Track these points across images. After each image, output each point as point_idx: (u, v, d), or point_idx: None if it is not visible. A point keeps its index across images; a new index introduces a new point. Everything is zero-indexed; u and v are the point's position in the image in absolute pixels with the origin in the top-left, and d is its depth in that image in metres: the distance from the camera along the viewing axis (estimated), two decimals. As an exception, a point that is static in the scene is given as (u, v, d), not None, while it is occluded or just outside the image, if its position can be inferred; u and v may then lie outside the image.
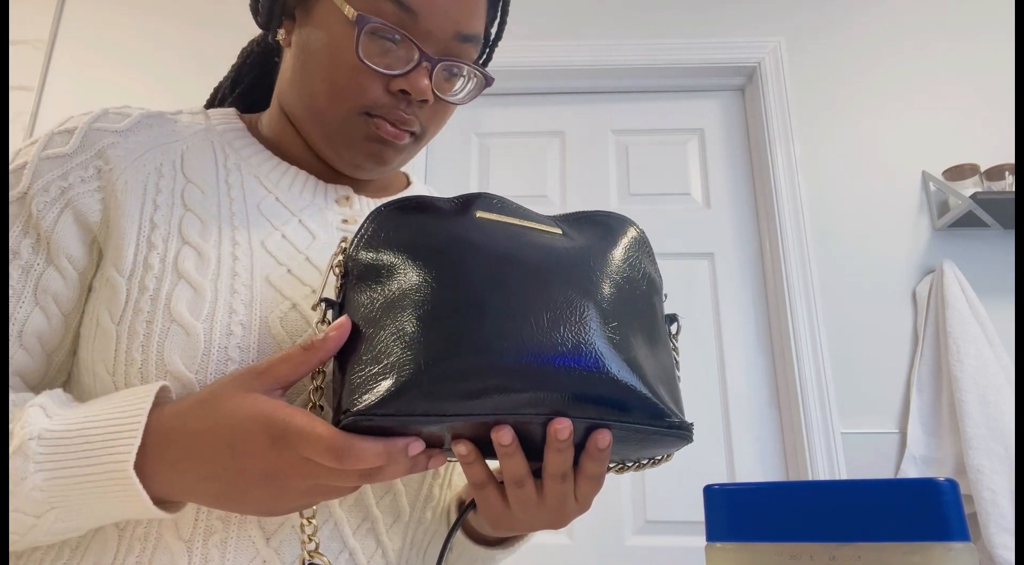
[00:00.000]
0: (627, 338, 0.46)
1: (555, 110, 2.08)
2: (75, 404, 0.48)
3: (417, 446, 0.43)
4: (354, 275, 0.48)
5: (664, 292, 0.56)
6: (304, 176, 0.64)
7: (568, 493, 0.48)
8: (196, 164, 0.60)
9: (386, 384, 0.41)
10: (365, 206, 0.67)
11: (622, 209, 1.98)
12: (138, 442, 0.44)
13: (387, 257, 0.48)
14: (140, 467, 0.44)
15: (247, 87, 0.73)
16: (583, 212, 0.56)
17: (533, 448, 0.46)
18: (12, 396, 0.50)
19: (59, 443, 0.44)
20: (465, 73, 0.61)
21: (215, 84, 0.74)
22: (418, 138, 0.63)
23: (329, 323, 0.47)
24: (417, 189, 0.75)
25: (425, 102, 0.59)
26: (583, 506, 0.50)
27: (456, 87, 0.62)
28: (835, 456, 1.67)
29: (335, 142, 0.61)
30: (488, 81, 0.62)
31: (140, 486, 0.43)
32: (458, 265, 0.46)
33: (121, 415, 0.45)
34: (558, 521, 0.51)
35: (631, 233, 0.54)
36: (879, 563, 0.33)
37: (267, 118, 0.67)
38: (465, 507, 0.56)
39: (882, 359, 1.75)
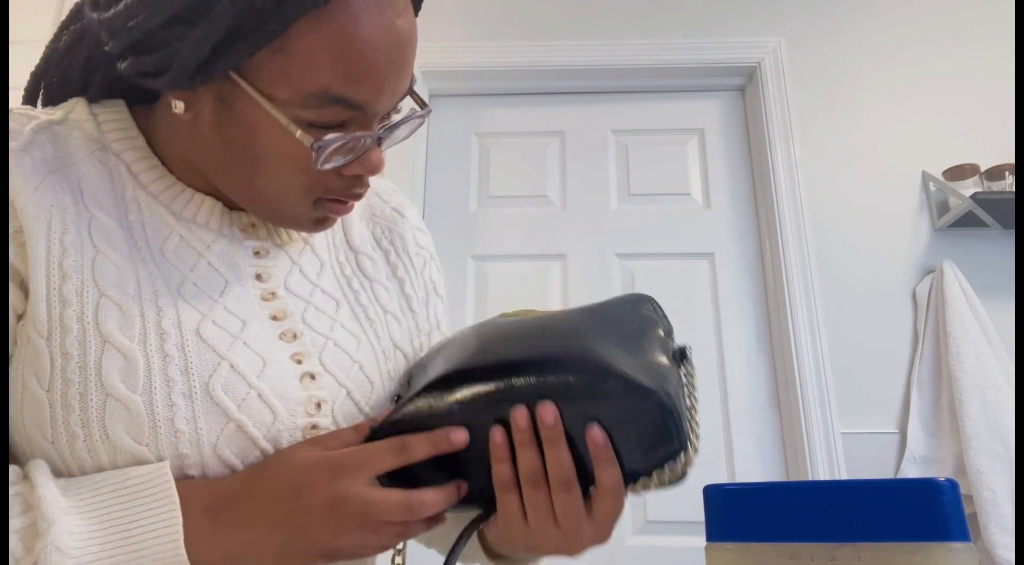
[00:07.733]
0: (608, 347, 0.50)
1: (555, 110, 2.08)
2: (77, 491, 0.47)
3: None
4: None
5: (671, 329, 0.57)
6: (211, 204, 0.58)
7: (578, 509, 0.48)
8: (99, 194, 0.54)
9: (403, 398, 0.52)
10: (272, 230, 0.62)
11: (622, 209, 1.99)
12: (179, 519, 0.45)
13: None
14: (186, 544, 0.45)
15: (84, 74, 0.61)
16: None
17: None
18: None
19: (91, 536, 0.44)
20: (408, 121, 0.57)
21: None
22: None
23: None
24: None
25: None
26: (600, 530, 0.50)
27: (400, 133, 0.57)
28: (835, 456, 1.67)
29: (278, 221, 0.58)
30: (426, 111, 0.59)
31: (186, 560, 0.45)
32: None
33: (147, 493, 0.46)
34: (573, 544, 0.50)
35: (637, 295, 0.60)
36: (879, 563, 0.33)
37: (167, 144, 0.58)
38: (475, 519, 0.55)
39: (882, 359, 1.75)
